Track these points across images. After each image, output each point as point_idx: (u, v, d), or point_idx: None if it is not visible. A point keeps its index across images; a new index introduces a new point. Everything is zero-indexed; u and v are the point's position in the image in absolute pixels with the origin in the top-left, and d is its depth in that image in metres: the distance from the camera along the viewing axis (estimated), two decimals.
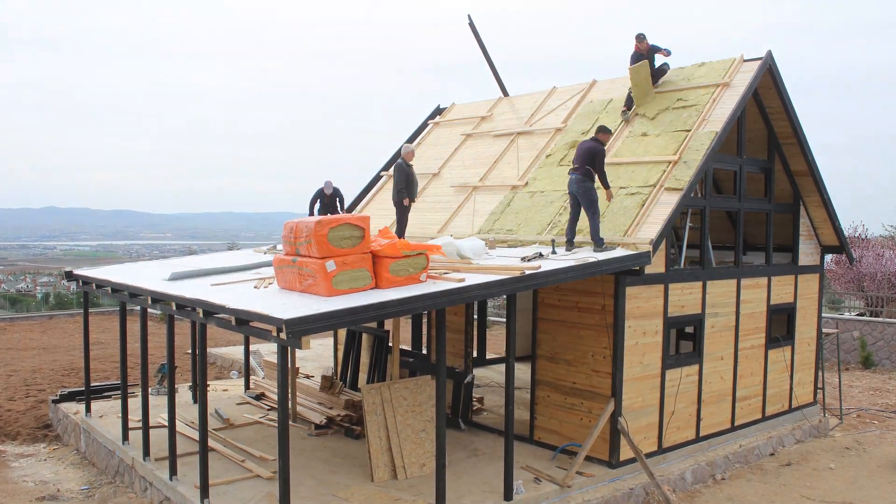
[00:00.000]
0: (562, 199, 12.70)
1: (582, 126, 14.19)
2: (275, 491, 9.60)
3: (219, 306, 8.72)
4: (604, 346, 11.10)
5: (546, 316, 11.94)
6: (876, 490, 11.71)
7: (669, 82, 13.78)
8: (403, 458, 10.63)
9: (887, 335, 22.02)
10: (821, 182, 14.13)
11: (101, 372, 19.10)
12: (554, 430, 11.81)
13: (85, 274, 13.49)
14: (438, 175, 16.02)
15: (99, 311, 31.20)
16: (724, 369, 12.86)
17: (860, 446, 13.97)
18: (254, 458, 11.39)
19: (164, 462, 10.81)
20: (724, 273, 12.83)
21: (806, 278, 14.67)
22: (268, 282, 10.60)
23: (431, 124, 18.39)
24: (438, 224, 14.39)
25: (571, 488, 10.40)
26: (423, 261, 9.36)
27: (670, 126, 12.63)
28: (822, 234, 14.91)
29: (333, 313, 7.81)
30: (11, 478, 12.51)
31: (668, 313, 11.71)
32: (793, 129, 13.51)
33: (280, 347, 7.79)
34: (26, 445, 14.46)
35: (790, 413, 14.48)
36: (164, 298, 10.13)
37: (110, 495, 11.56)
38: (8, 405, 16.20)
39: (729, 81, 12.78)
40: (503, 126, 16.15)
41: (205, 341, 9.78)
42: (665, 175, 11.68)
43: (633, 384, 11.22)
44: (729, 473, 12.31)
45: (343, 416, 13.13)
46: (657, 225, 10.93)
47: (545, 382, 11.94)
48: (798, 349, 14.59)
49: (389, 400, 10.77)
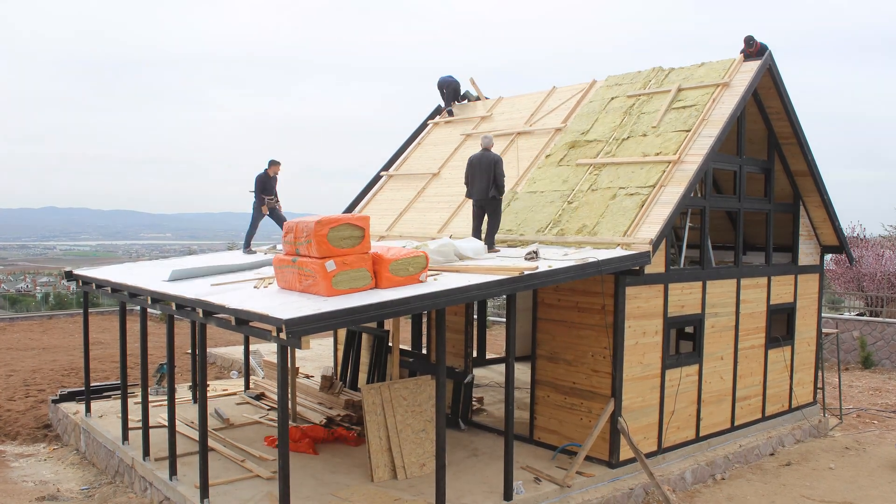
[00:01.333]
0: (561, 199, 12.71)
1: (582, 126, 14.19)
2: (275, 491, 9.61)
3: (219, 306, 8.72)
4: (604, 346, 11.10)
5: (546, 316, 11.94)
6: (875, 490, 11.71)
7: (669, 82, 13.78)
8: (403, 458, 10.63)
9: (887, 335, 22.03)
10: (820, 182, 14.13)
11: (101, 372, 19.10)
12: (554, 430, 11.81)
13: (85, 274, 13.48)
14: (438, 175, 16.02)
15: (99, 311, 31.20)
16: (724, 369, 12.87)
17: (860, 446, 13.98)
18: (254, 457, 11.39)
19: (164, 462, 10.81)
20: (724, 273, 12.83)
21: (806, 278, 14.67)
22: (268, 282, 10.60)
23: (431, 124, 18.39)
24: (438, 224, 14.39)
25: (571, 488, 10.40)
26: (422, 260, 9.36)
27: (670, 126, 12.64)
28: (822, 234, 14.92)
29: (333, 313, 7.81)
30: (11, 478, 12.51)
31: (668, 313, 11.71)
32: (793, 129, 13.51)
33: (280, 347, 7.79)
34: (26, 445, 14.46)
35: (790, 413, 14.49)
36: (164, 298, 10.13)
37: (110, 495, 11.56)
38: (8, 405, 16.20)
39: (729, 81, 12.78)
40: (503, 126, 16.14)
41: (205, 341, 9.78)
42: (665, 175, 11.68)
43: (633, 384, 11.22)
44: (729, 473, 12.31)
45: (343, 416, 13.14)
46: (657, 225, 10.93)
47: (545, 382, 11.95)
48: (798, 349, 14.59)
49: (389, 400, 10.77)
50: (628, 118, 13.56)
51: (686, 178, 11.41)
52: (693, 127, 12.22)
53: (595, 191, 12.38)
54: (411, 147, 18.01)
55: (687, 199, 11.47)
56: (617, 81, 14.93)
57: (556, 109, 15.45)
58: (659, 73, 14.30)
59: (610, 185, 12.24)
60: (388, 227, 15.32)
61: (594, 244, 11.32)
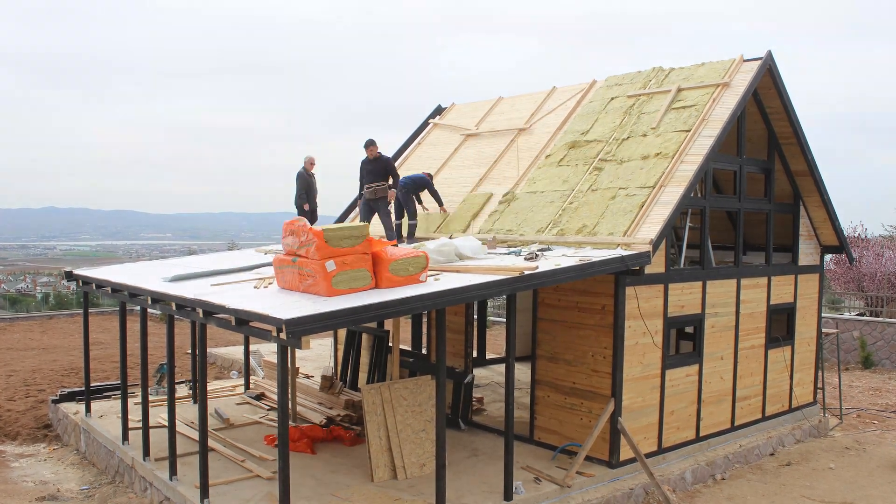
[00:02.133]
0: (561, 199, 12.71)
1: (582, 126, 14.20)
2: (275, 491, 9.61)
3: (219, 306, 8.72)
4: (604, 346, 11.11)
5: (546, 316, 11.94)
6: (875, 490, 11.71)
7: (669, 82, 13.79)
8: (403, 458, 10.63)
9: (887, 335, 22.03)
10: (821, 182, 14.13)
11: (101, 372, 19.10)
12: (554, 430, 11.81)
13: (85, 274, 13.48)
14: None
15: (99, 311, 31.21)
16: (724, 369, 12.87)
17: (860, 446, 13.98)
18: (254, 458, 11.39)
19: (164, 462, 10.81)
20: (724, 273, 12.84)
21: (806, 278, 14.67)
22: (268, 282, 10.60)
23: (431, 124, 18.40)
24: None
25: (571, 488, 10.40)
26: (422, 260, 9.36)
27: (670, 126, 12.64)
28: (822, 234, 14.92)
29: (333, 313, 7.81)
30: (11, 478, 12.51)
31: (668, 313, 11.71)
32: (793, 129, 13.51)
33: (280, 347, 7.79)
34: (26, 445, 14.47)
35: (790, 413, 14.49)
36: (164, 298, 10.13)
37: (110, 495, 11.56)
38: (8, 405, 16.20)
39: (729, 81, 12.79)
40: (503, 126, 16.15)
41: (205, 341, 9.78)
42: (665, 175, 11.68)
43: (633, 384, 11.22)
44: (729, 473, 12.31)
45: (343, 416, 13.14)
46: (657, 225, 10.93)
47: (545, 382, 11.95)
48: (798, 349, 14.59)
49: (389, 400, 10.77)
50: (628, 118, 13.56)
51: (686, 178, 11.41)
52: (693, 127, 12.23)
53: (595, 191, 12.39)
54: (412, 147, 18.02)
55: (687, 199, 11.47)
56: (617, 81, 14.94)
57: (556, 109, 15.46)
58: (659, 73, 14.30)
59: (610, 185, 12.24)
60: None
61: (594, 244, 11.33)
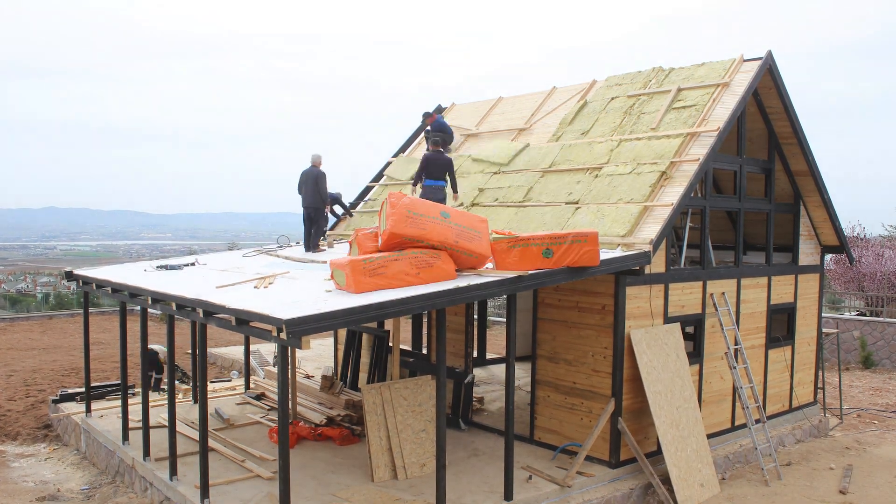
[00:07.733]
0: (561, 199, 12.70)
1: (582, 126, 14.19)
2: (275, 491, 9.61)
3: (219, 306, 8.72)
4: (604, 346, 11.10)
5: (546, 316, 11.94)
6: (876, 490, 11.71)
7: (670, 82, 13.78)
8: (404, 458, 10.63)
9: (887, 335, 22.03)
10: (821, 182, 14.13)
11: (101, 372, 19.11)
12: (554, 430, 11.81)
13: (85, 274, 13.49)
14: None
15: (99, 311, 31.22)
16: (724, 369, 12.86)
17: (860, 446, 13.98)
18: (254, 458, 11.39)
19: (165, 462, 10.81)
20: (724, 273, 12.83)
21: (806, 278, 14.67)
22: (268, 282, 10.60)
23: None
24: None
25: (572, 488, 10.40)
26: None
27: (670, 126, 12.63)
28: (822, 233, 14.91)
29: (333, 313, 7.80)
30: (11, 478, 12.51)
31: (668, 313, 11.71)
32: (793, 129, 13.51)
33: (280, 347, 7.79)
34: (26, 445, 14.47)
35: (790, 413, 14.49)
36: (164, 298, 10.13)
37: (110, 495, 11.56)
38: (8, 405, 16.21)
39: (729, 81, 12.78)
40: (503, 126, 16.14)
41: (205, 341, 9.78)
42: (665, 175, 11.68)
43: (634, 384, 11.22)
44: (729, 473, 12.31)
45: (343, 416, 13.14)
46: (657, 225, 10.93)
47: (545, 382, 11.95)
48: (798, 349, 14.59)
49: (389, 400, 10.77)
50: (628, 118, 13.56)
51: (686, 178, 11.41)
52: (693, 127, 12.23)
53: (595, 191, 12.37)
54: (412, 146, 18.01)
55: (687, 199, 11.46)
56: (617, 81, 14.92)
57: (556, 109, 15.45)
58: (659, 73, 14.29)
59: (610, 186, 12.23)
60: None
61: None
